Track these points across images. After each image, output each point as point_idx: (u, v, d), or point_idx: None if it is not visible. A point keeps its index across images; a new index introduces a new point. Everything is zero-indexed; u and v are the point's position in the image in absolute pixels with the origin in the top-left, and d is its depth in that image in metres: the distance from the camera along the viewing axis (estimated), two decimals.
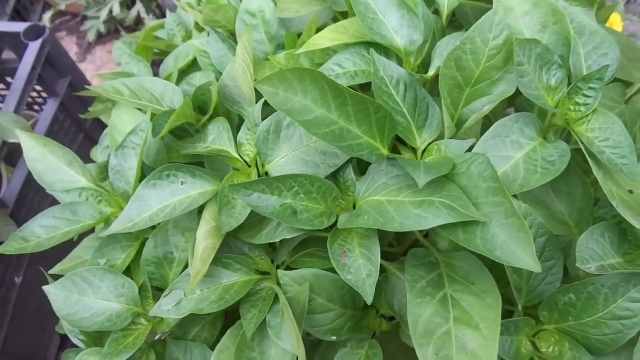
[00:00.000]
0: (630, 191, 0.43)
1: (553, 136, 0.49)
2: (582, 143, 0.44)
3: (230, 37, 0.68)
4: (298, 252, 0.49)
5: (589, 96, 0.45)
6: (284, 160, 0.47)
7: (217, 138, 0.53)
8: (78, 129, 1.09)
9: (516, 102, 0.55)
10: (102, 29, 1.40)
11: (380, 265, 0.49)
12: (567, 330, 0.42)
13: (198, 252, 0.43)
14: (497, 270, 0.43)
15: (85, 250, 0.59)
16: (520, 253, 0.35)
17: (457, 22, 0.64)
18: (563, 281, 0.45)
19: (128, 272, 0.56)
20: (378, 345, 0.47)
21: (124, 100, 0.59)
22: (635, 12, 1.04)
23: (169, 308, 0.46)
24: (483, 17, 0.41)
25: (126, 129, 0.56)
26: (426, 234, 0.52)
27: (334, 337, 0.47)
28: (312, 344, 0.52)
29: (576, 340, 0.42)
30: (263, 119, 0.48)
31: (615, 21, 0.93)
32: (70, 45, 1.56)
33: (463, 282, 0.42)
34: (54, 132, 1.01)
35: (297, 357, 0.44)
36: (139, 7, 1.34)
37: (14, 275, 0.95)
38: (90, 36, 1.41)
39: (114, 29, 1.47)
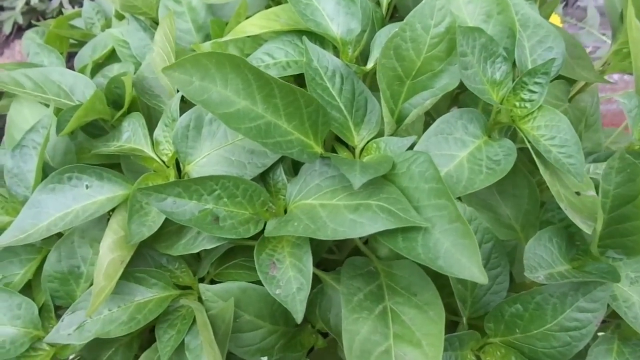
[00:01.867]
0: (578, 193, 0.40)
1: (498, 134, 0.47)
2: (529, 142, 0.41)
3: (153, 26, 0.61)
4: (224, 263, 0.44)
5: (534, 92, 0.42)
6: (206, 160, 0.41)
7: (132, 136, 0.47)
8: None
9: (460, 98, 0.52)
10: (21, 20, 1.29)
11: (316, 275, 0.45)
12: (514, 344, 0.39)
13: (102, 267, 0.37)
14: (440, 278, 0.39)
15: None
16: (465, 262, 0.31)
17: (400, 17, 0.61)
18: (508, 289, 0.42)
19: (29, 290, 0.48)
20: None
21: (25, 94, 0.52)
22: (574, 15, 1.05)
23: (70, 332, 0.40)
24: (423, 1, 0.38)
25: (27, 126, 0.49)
26: (366, 240, 0.48)
27: (264, 358, 0.42)
28: None
29: (523, 354, 0.39)
30: (183, 113, 0.43)
31: (555, 23, 0.93)
32: None
33: (404, 293, 0.39)
34: None
35: None
36: None
37: None
38: (7, 29, 1.29)
39: (35, 21, 1.36)
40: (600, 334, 0.39)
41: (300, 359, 0.43)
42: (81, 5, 1.27)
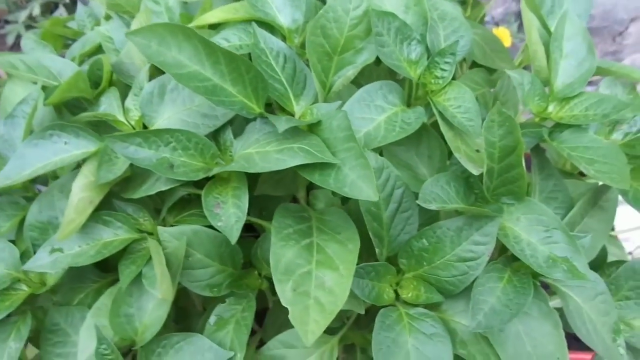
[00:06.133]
0: (478, 151, 0.48)
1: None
2: (438, 110, 0.49)
3: None
4: (181, 213, 0.51)
5: (445, 70, 0.50)
6: (166, 122, 0.49)
7: (107, 107, 0.54)
8: None
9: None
10: (24, 32, 1.39)
11: (260, 225, 0.52)
12: (423, 276, 0.46)
13: (72, 203, 0.44)
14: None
15: None
16: (364, 187, 0.39)
17: None
18: None
19: (12, 242, 0.55)
20: (254, 300, 0.49)
21: (19, 75, 0.59)
22: None
23: (45, 262, 0.46)
24: None
25: (18, 100, 0.57)
26: (308, 201, 0.55)
27: (213, 292, 0.49)
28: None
29: (430, 284, 0.46)
30: None
31: (504, 36, 1.02)
32: None
33: (330, 232, 0.46)
34: None
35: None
36: (61, 11, 1.34)
37: None
38: (10, 40, 1.39)
39: None
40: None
41: (247, 296, 0.50)
42: None
